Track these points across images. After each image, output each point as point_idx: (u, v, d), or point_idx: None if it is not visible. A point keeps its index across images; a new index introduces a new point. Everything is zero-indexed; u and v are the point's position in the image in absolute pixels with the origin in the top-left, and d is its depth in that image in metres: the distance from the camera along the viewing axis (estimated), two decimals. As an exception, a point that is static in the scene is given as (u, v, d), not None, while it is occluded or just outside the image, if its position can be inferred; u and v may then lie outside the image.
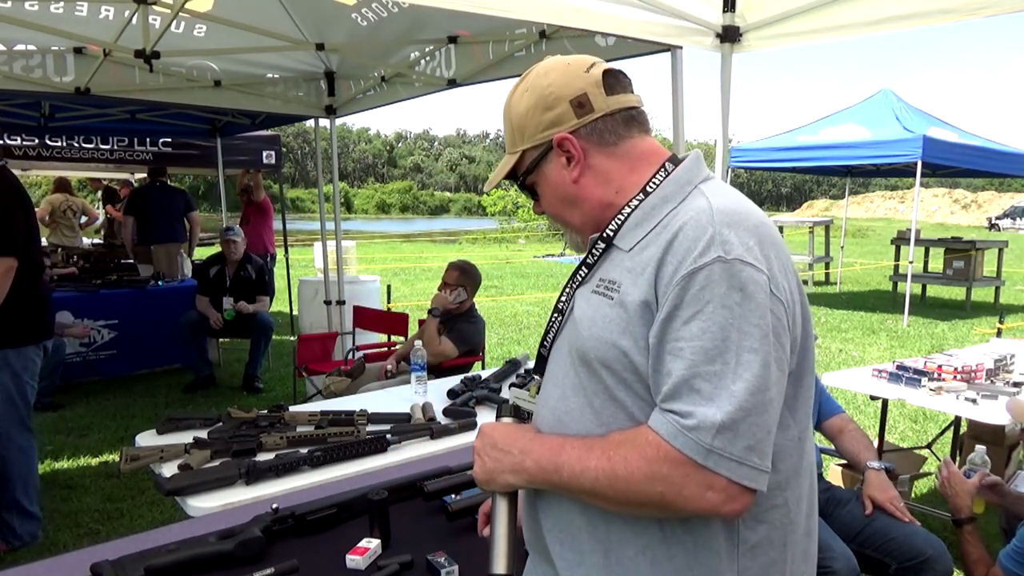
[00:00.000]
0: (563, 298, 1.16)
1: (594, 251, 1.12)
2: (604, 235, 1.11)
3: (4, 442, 3.13)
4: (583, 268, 1.14)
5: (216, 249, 6.11)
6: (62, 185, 9.44)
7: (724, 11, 2.84)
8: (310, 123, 5.95)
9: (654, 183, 1.09)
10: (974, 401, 3.05)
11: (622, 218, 1.10)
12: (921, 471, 4.08)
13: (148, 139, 7.97)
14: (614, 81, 1.12)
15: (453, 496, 1.83)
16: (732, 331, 0.92)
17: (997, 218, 41.23)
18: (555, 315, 1.17)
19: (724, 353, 0.92)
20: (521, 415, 1.18)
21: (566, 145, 1.11)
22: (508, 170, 1.19)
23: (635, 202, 1.09)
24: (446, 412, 2.75)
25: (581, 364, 1.07)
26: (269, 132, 8.21)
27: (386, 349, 5.14)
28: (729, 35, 2.87)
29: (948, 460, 2.40)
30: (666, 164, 1.12)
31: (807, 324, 1.06)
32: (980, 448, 2.40)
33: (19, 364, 3.13)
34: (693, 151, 1.15)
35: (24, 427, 3.21)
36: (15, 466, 3.18)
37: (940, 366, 3.32)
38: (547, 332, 1.19)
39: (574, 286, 1.14)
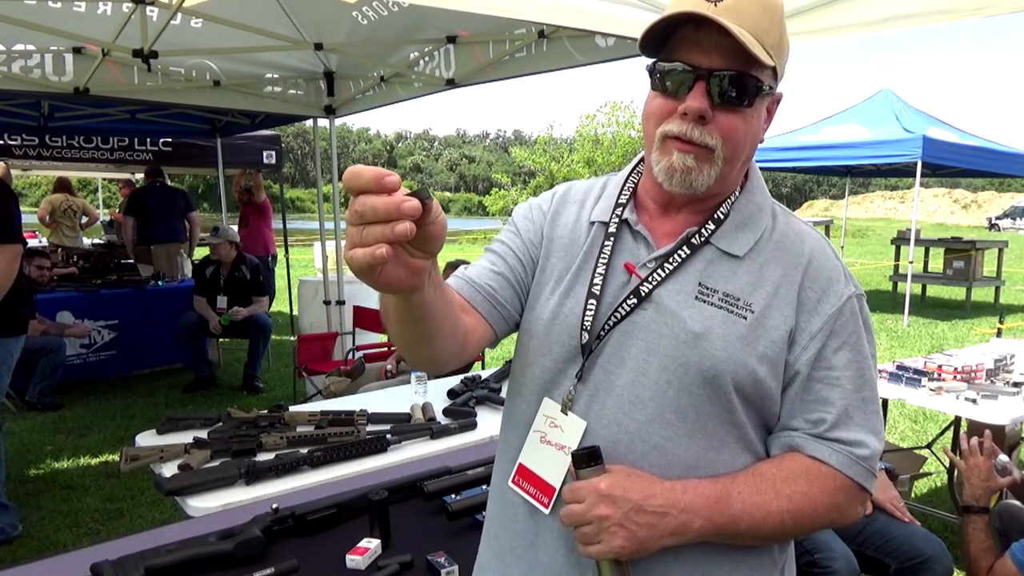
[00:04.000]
0: (641, 290, 0.99)
1: (686, 247, 1.00)
2: (701, 232, 1.00)
3: None
4: (667, 261, 0.99)
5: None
6: (62, 185, 9.44)
7: (724, 11, 2.83)
8: (310, 123, 5.95)
9: (746, 182, 1.05)
10: (974, 401, 3.05)
11: (721, 215, 1.01)
12: (921, 471, 4.08)
13: (148, 139, 7.96)
14: None
15: (453, 496, 1.83)
16: (869, 360, 1.01)
17: (997, 218, 41.23)
18: (623, 307, 0.99)
19: (868, 381, 1.00)
20: (599, 457, 0.94)
21: (775, 105, 1.03)
22: (755, 61, 0.92)
23: (732, 198, 1.03)
24: (446, 412, 2.75)
25: (703, 384, 0.95)
26: (269, 132, 8.20)
27: (386, 349, 5.14)
28: (729, 35, 2.86)
29: (975, 447, 2.25)
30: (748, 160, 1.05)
31: None
32: (1004, 457, 2.32)
33: (3, 355, 3.19)
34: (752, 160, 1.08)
35: None
36: None
37: (940, 366, 3.32)
38: (600, 328, 1.00)
39: (654, 281, 0.99)
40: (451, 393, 2.99)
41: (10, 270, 3.06)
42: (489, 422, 2.66)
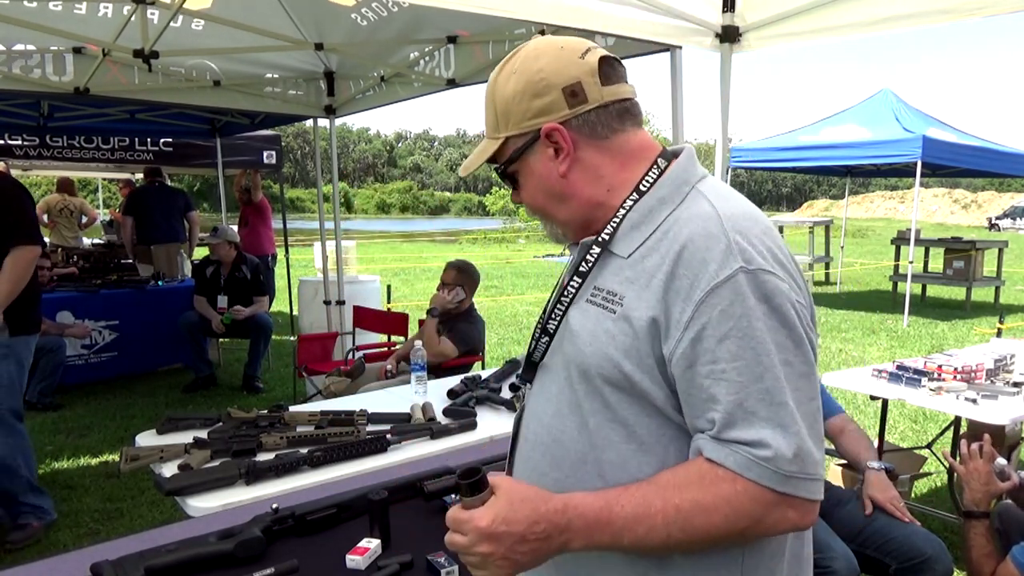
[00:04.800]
0: (556, 315, 1.07)
1: (588, 258, 1.05)
2: (600, 239, 1.04)
3: (8, 430, 3.24)
4: (575, 278, 1.06)
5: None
6: (62, 186, 9.44)
7: (724, 11, 2.84)
8: (310, 123, 5.95)
9: (647, 181, 1.04)
10: (974, 401, 3.05)
11: (617, 220, 1.03)
12: (921, 471, 4.08)
13: (148, 139, 7.96)
14: (610, 70, 1.05)
15: (453, 496, 1.83)
16: (770, 345, 0.89)
17: (997, 218, 41.22)
18: (549, 324, 1.08)
19: (770, 369, 0.88)
20: (480, 485, 0.92)
21: (555, 136, 1.03)
22: (488, 156, 1.10)
23: (629, 202, 1.03)
24: (446, 412, 2.75)
25: (580, 380, 1.01)
26: (269, 132, 8.21)
27: (386, 349, 5.14)
28: (728, 35, 2.87)
29: (975, 450, 2.22)
30: (658, 160, 1.06)
31: (815, 324, 1.02)
32: (1001, 460, 2.29)
33: (24, 353, 3.29)
34: (686, 147, 1.09)
35: (22, 414, 3.36)
36: (22, 452, 3.31)
37: (940, 366, 3.32)
38: (537, 340, 1.11)
39: (568, 300, 1.06)
40: (451, 393, 2.99)
41: (28, 271, 3.15)
42: (489, 422, 2.66)
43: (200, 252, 8.05)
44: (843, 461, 3.23)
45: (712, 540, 0.91)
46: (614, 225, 1.04)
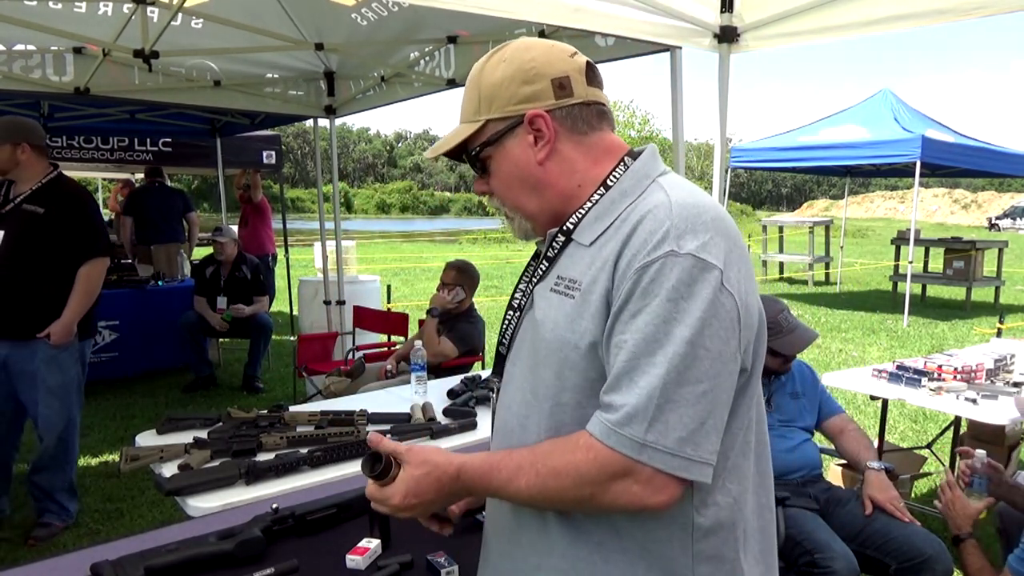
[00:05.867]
0: (518, 295, 1.14)
1: (553, 245, 1.10)
2: (564, 228, 1.09)
3: (71, 428, 3.39)
4: (542, 262, 1.10)
5: (211, 250, 6.12)
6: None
7: (722, 11, 2.85)
8: (310, 123, 5.95)
9: (614, 176, 1.08)
10: (974, 401, 3.05)
11: (583, 212, 1.07)
12: (921, 471, 4.08)
13: (148, 139, 7.96)
14: (593, 74, 1.11)
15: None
16: (673, 324, 0.92)
17: (997, 218, 41.24)
18: (511, 312, 1.14)
19: (665, 347, 0.91)
20: (386, 471, 1.04)
21: (538, 123, 1.07)
22: (462, 138, 1.11)
23: (596, 196, 1.07)
24: (446, 412, 2.75)
25: (544, 367, 1.05)
26: (269, 132, 8.20)
27: (386, 349, 5.14)
28: (727, 35, 2.87)
29: (952, 481, 2.30)
30: (625, 158, 1.10)
31: (762, 324, 1.04)
32: (980, 452, 2.37)
33: (87, 355, 3.46)
34: (649, 145, 1.14)
35: (81, 411, 3.52)
36: (74, 450, 3.46)
37: (940, 366, 3.32)
38: (504, 331, 1.16)
39: (532, 282, 1.11)
40: (451, 393, 2.99)
41: (100, 282, 3.36)
42: (489, 422, 2.65)
43: (200, 252, 8.05)
44: (843, 461, 3.23)
45: (565, 503, 0.99)
46: (579, 216, 1.08)
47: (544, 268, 1.10)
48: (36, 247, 3.16)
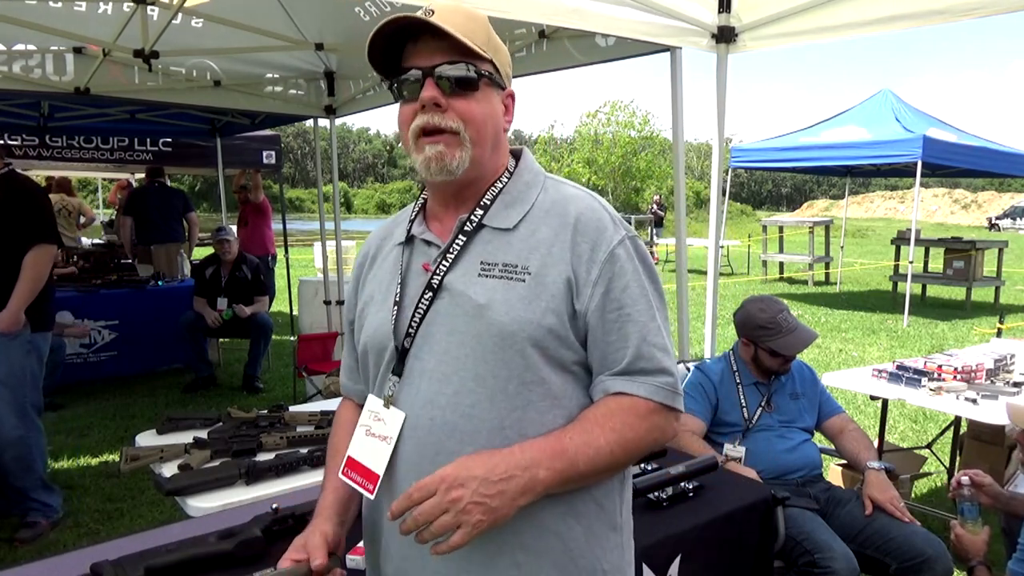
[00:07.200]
0: (411, 291, 1.14)
1: (460, 237, 1.12)
2: (472, 218, 1.13)
3: (29, 423, 3.31)
4: (447, 253, 1.12)
5: (212, 250, 6.12)
6: (59, 186, 9.42)
7: (719, 12, 2.85)
8: (310, 123, 5.96)
9: (512, 167, 1.19)
10: (974, 401, 3.05)
11: (488, 201, 1.14)
12: (921, 471, 4.08)
13: (148, 139, 7.97)
14: None
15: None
16: (650, 291, 1.13)
17: (997, 218, 41.20)
18: (408, 306, 1.12)
19: (658, 310, 1.14)
20: None
21: (509, 102, 1.19)
22: (474, 49, 1.08)
23: (499, 184, 1.16)
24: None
25: (499, 349, 1.06)
26: (269, 132, 8.21)
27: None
28: (724, 36, 2.88)
29: (955, 524, 2.14)
30: (512, 153, 1.22)
31: None
32: (964, 479, 2.16)
33: (43, 348, 3.39)
34: (524, 147, 1.25)
35: (41, 408, 3.45)
36: (37, 447, 3.37)
37: (940, 366, 3.32)
38: (398, 327, 1.13)
39: (441, 271, 1.11)
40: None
41: (47, 269, 3.28)
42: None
43: (200, 252, 8.05)
44: (843, 461, 3.23)
45: (640, 452, 1.12)
46: (485, 205, 1.14)
47: (452, 258, 1.12)
48: None
